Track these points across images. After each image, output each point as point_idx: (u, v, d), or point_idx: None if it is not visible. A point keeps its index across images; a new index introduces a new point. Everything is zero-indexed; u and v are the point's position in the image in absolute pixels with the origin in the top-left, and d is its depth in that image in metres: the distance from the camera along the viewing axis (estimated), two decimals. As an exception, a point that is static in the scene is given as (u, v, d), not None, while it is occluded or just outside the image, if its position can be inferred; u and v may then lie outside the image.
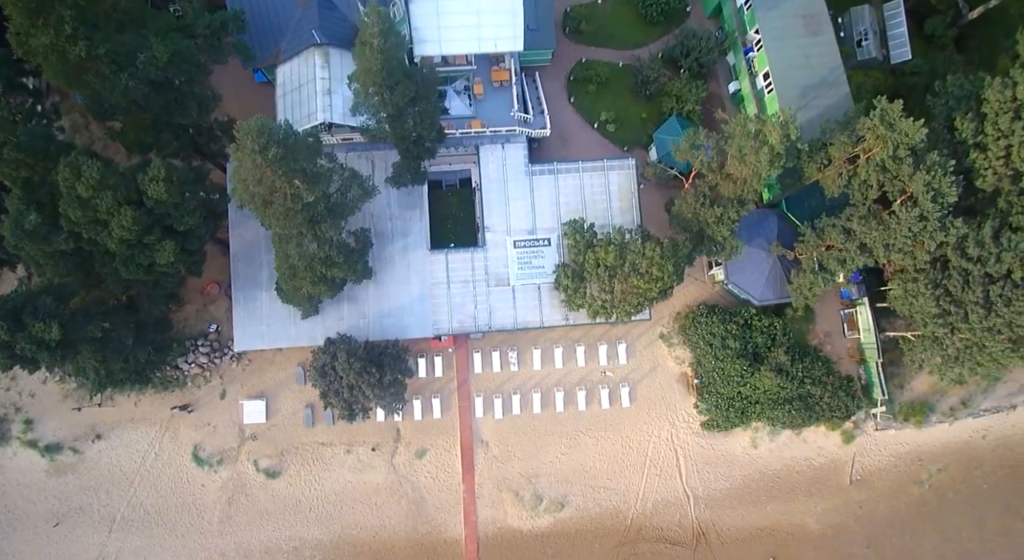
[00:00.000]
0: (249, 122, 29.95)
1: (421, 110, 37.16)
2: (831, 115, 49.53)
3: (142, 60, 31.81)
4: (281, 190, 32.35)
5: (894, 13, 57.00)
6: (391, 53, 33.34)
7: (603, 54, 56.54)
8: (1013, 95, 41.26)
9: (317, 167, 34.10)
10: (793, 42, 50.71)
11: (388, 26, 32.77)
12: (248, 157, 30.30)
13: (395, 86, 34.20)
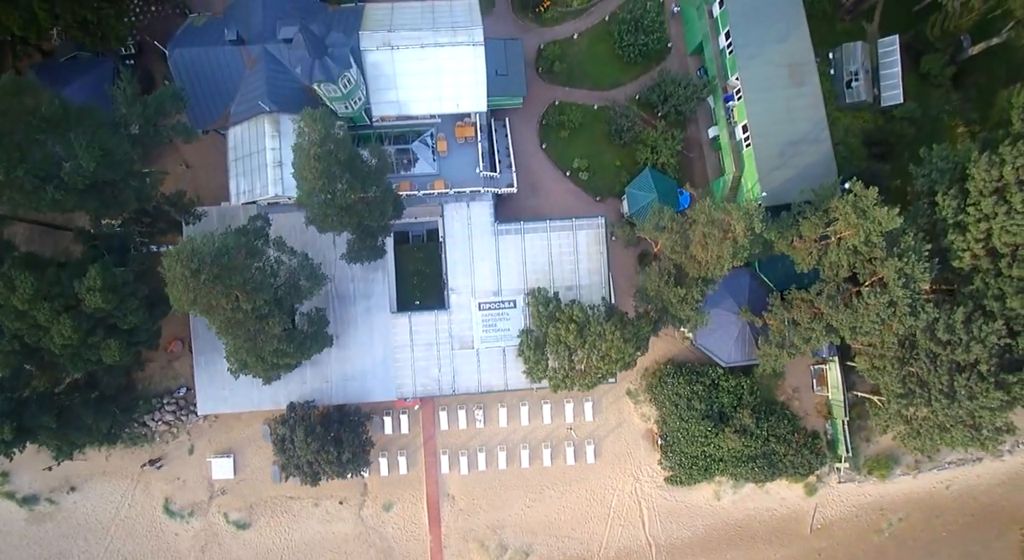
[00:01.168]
0: (177, 248, 28.90)
1: (371, 200, 35.67)
2: (812, 173, 47.81)
3: (67, 170, 30.35)
4: (219, 305, 31.53)
5: (888, 51, 53.66)
6: (331, 158, 31.69)
7: (578, 95, 53.80)
8: (1000, 174, 39.31)
9: (258, 270, 33.12)
10: (776, 94, 47.98)
11: (325, 131, 30.99)
12: (179, 283, 29.36)
13: (338, 187, 32.68)
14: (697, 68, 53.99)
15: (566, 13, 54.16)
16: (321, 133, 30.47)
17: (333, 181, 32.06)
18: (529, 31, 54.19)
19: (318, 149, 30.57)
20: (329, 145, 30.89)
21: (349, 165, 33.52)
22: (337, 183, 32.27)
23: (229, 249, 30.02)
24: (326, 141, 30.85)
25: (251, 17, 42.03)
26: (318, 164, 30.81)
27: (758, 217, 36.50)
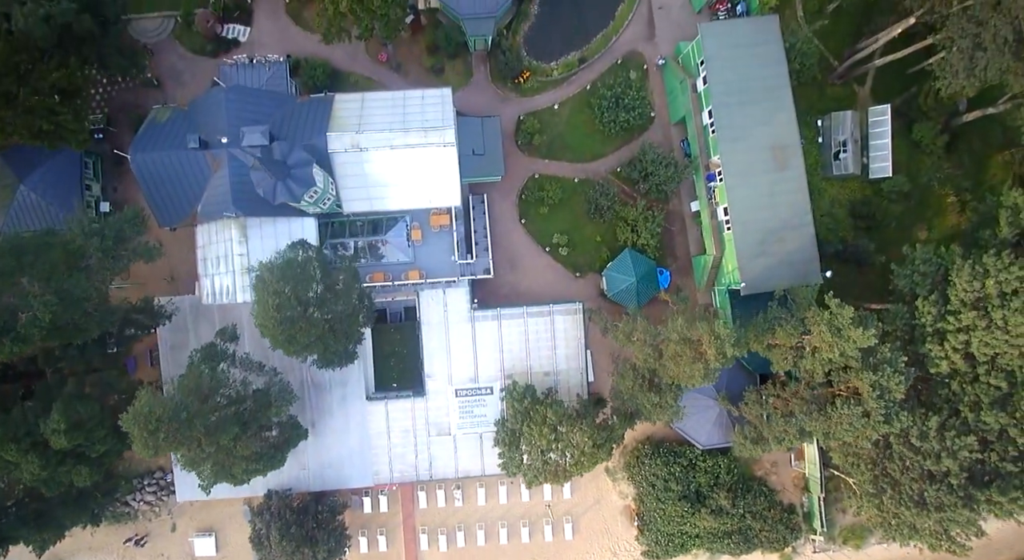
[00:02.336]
0: (134, 411, 28.69)
1: (337, 321, 35.18)
2: (794, 259, 47.07)
3: (24, 322, 29.89)
4: (183, 448, 31.45)
5: (879, 121, 52.05)
6: (289, 304, 31.13)
7: (557, 168, 52.54)
8: (982, 285, 38.51)
9: (221, 405, 32.94)
10: (758, 178, 46.71)
11: (284, 281, 30.36)
12: (139, 440, 29.24)
13: (299, 328, 32.19)
14: (681, 140, 52.63)
15: (546, 82, 52.48)
16: (279, 284, 29.87)
17: (294, 325, 31.58)
18: (508, 101, 52.66)
19: (275, 299, 30.01)
20: (288, 290, 30.33)
21: (315, 299, 32.97)
22: (299, 324, 31.80)
23: (188, 405, 29.76)
24: (281, 293, 30.24)
25: (216, 115, 40.78)
26: (277, 314, 30.31)
27: (730, 342, 35.94)
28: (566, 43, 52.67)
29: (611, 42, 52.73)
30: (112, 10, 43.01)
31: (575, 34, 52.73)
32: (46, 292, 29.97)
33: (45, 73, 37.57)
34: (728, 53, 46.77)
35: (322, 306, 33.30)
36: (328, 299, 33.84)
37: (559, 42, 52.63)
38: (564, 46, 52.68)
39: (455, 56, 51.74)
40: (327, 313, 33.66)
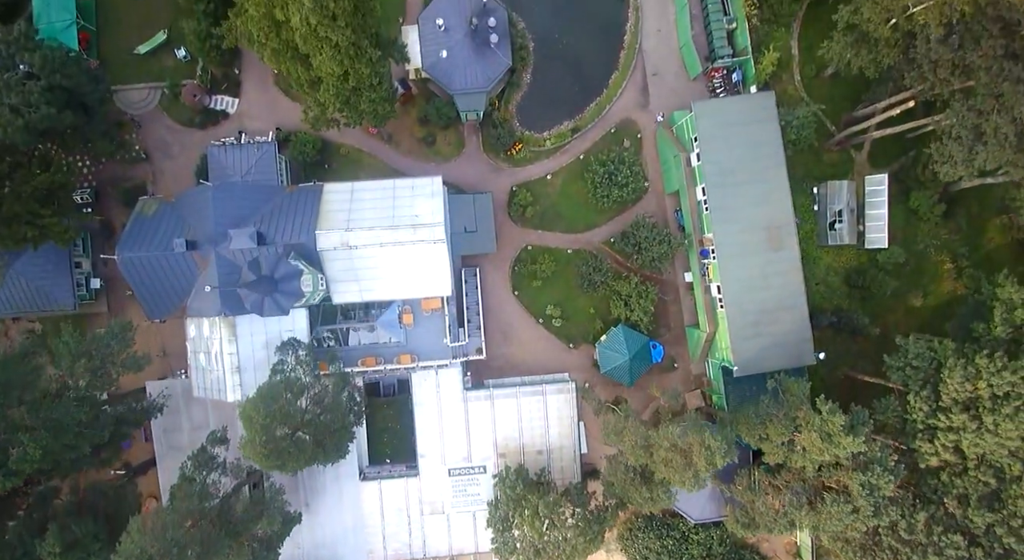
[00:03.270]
0: (123, 549, 28.70)
1: (328, 445, 35.17)
2: (787, 341, 46.85)
3: (15, 458, 29.82)
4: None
5: (876, 191, 51.51)
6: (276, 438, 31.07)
7: (550, 238, 52.08)
8: (974, 387, 38.34)
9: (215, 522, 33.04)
10: (752, 259, 46.31)
11: (270, 416, 30.27)
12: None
13: (288, 459, 32.15)
14: (675, 210, 52.07)
15: (539, 152, 51.82)
16: (266, 419, 29.80)
17: (284, 452, 31.57)
18: (501, 171, 52.07)
19: (261, 436, 29.96)
20: (275, 423, 30.27)
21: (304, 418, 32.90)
22: (288, 450, 31.77)
23: (179, 539, 29.83)
24: (268, 428, 30.18)
25: (202, 212, 40.35)
26: (265, 449, 30.28)
27: (720, 454, 35.90)
28: (559, 112, 51.96)
29: (605, 111, 51.97)
30: (94, 96, 42.30)
31: (568, 103, 52.01)
32: (36, 424, 29.90)
33: (27, 177, 37.12)
34: (722, 132, 46.11)
35: (311, 424, 33.23)
36: (317, 414, 33.75)
37: (552, 111, 51.92)
38: (557, 115, 51.98)
39: (446, 127, 51.03)
40: (317, 431, 33.57)
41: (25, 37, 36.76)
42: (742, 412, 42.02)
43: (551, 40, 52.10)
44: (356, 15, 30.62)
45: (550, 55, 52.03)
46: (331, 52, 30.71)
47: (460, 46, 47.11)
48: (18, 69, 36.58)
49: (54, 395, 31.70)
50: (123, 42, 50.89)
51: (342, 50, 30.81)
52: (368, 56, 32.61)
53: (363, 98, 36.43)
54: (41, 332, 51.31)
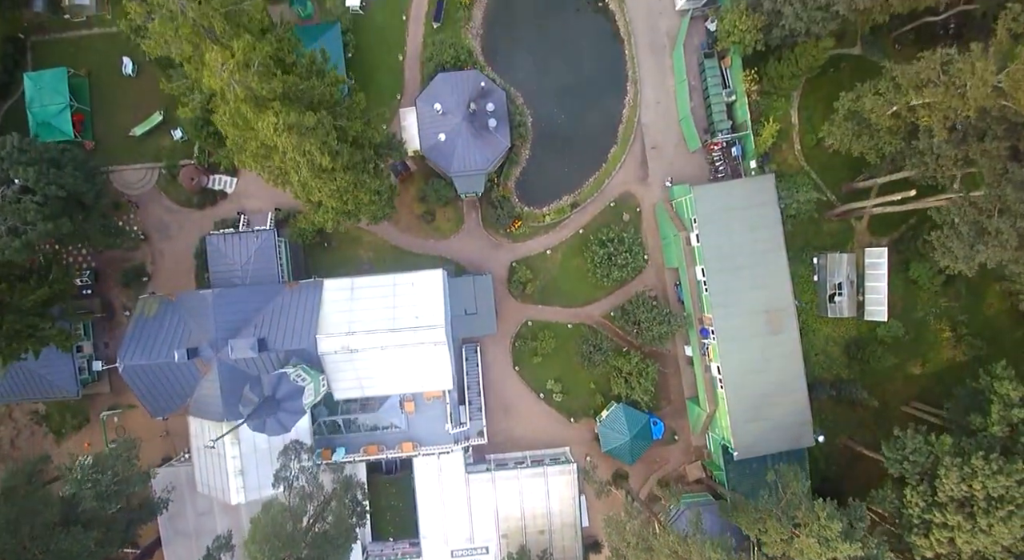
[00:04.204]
0: None
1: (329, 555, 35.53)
2: (787, 423, 47.11)
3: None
4: None
5: (876, 263, 51.42)
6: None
7: (551, 313, 52.12)
8: (969, 487, 38.63)
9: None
10: (751, 343, 46.41)
11: (273, 552, 30.56)
12: None
13: None
14: (675, 283, 52.06)
15: (538, 228, 51.68)
16: (275, 527, 30.10)
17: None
18: (500, 247, 51.95)
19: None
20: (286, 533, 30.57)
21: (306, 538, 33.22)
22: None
23: None
24: (276, 538, 30.50)
25: (203, 317, 40.36)
26: None
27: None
28: (558, 187, 51.77)
29: (604, 185, 51.74)
30: (90, 194, 42.07)
31: (567, 178, 51.80)
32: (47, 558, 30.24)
33: (26, 292, 37.08)
34: (722, 216, 45.99)
35: (314, 543, 33.56)
36: (320, 531, 34.08)
37: (551, 187, 51.73)
38: (556, 190, 51.79)
39: (445, 203, 50.80)
40: (321, 548, 33.89)
41: (19, 151, 36.50)
42: (742, 506, 42.38)
43: (550, 115, 51.75)
44: (356, 153, 30.37)
45: (549, 130, 51.72)
46: (331, 192, 30.52)
47: (458, 129, 46.78)
48: (13, 183, 36.37)
49: (63, 523, 31.93)
50: (118, 122, 50.51)
51: (342, 190, 30.65)
52: (368, 186, 32.43)
53: (363, 211, 36.30)
54: (45, 412, 51.73)
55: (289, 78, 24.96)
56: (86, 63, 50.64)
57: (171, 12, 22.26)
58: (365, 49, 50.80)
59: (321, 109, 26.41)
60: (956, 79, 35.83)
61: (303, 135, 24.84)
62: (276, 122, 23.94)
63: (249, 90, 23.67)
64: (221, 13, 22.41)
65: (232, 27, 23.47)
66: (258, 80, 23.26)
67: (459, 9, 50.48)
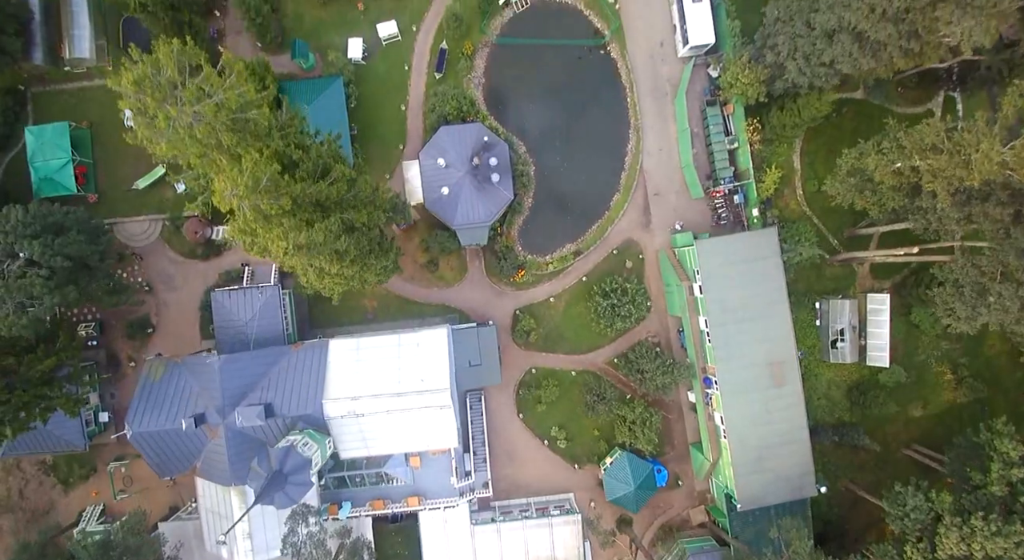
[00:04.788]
0: None
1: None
2: (790, 474, 47.44)
3: None
4: None
5: (878, 309, 51.67)
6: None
7: (555, 360, 52.32)
8: (968, 548, 39.04)
9: None
10: (755, 396, 46.68)
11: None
12: None
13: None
14: (677, 330, 52.26)
15: (542, 275, 51.79)
16: None
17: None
18: (504, 294, 52.08)
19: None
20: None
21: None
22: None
23: None
24: None
25: (210, 382, 40.52)
26: None
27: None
28: (561, 235, 51.84)
29: (607, 232, 51.81)
30: (95, 256, 42.11)
31: (570, 226, 51.85)
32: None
33: (34, 362, 37.24)
34: (726, 270, 46.12)
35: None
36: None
37: (554, 235, 51.80)
38: (559, 238, 51.86)
39: (449, 252, 50.90)
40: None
41: (23, 224, 36.54)
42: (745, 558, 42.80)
43: (553, 163, 51.73)
44: (362, 239, 30.40)
45: (552, 178, 51.72)
46: (337, 282, 30.62)
47: (461, 183, 46.81)
48: (18, 257, 36.44)
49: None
50: (121, 174, 50.45)
51: (348, 277, 30.74)
52: (375, 267, 32.52)
53: (369, 283, 36.45)
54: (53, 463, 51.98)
55: (297, 187, 24.97)
56: (87, 115, 50.58)
57: (178, 133, 22.26)
58: (367, 98, 50.72)
59: (329, 214, 26.51)
60: (961, 148, 35.92)
61: (312, 252, 24.93)
62: (286, 246, 23.99)
63: (258, 210, 23.78)
64: (228, 127, 22.41)
65: (239, 135, 23.46)
66: (267, 199, 23.35)
67: (461, 59, 50.36)
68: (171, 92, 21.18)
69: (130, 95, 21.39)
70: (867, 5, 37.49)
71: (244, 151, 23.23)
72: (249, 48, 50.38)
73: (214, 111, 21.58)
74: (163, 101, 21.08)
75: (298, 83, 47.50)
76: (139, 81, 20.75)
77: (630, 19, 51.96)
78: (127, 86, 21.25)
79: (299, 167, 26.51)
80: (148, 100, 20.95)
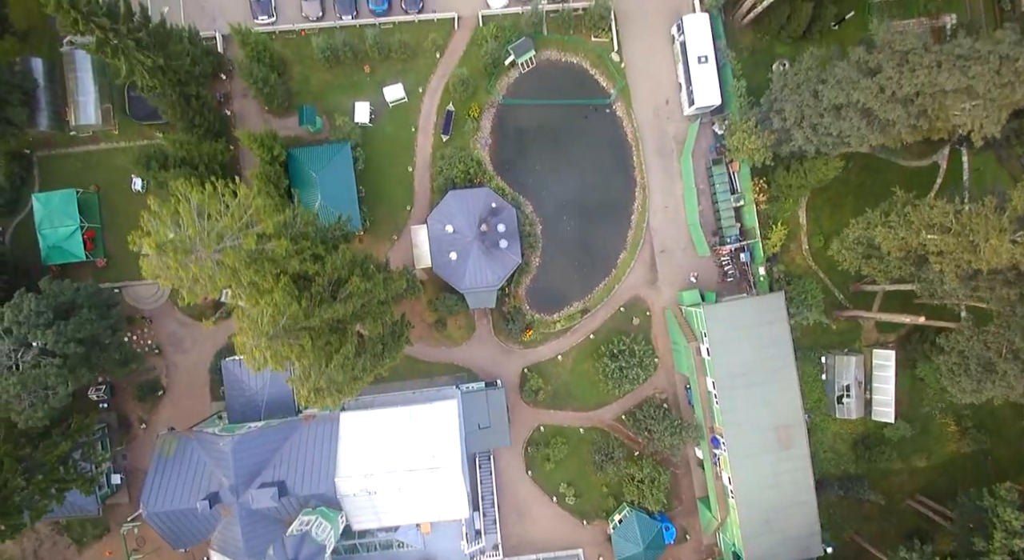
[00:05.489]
0: None
1: None
2: (797, 534, 47.94)
3: None
4: None
5: (883, 365, 52.06)
6: None
7: (562, 417, 52.64)
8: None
9: None
10: (762, 459, 47.11)
11: None
12: None
13: None
14: (685, 386, 52.60)
15: (549, 334, 52.02)
16: None
17: None
18: (512, 353, 52.30)
19: None
20: None
21: None
22: None
23: None
24: None
25: (222, 460, 40.71)
26: None
27: None
28: (568, 294, 52.03)
29: (614, 290, 52.04)
30: (105, 334, 42.29)
31: (577, 284, 52.04)
32: None
33: (50, 448, 37.51)
34: (734, 335, 46.44)
35: None
36: None
37: (561, 293, 51.98)
38: (566, 297, 52.04)
39: (457, 313, 51.11)
40: None
41: (35, 314, 36.67)
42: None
43: (559, 222, 51.87)
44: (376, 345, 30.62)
45: (559, 237, 51.88)
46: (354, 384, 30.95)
47: (469, 249, 46.97)
48: (31, 346, 36.61)
49: None
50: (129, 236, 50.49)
51: (359, 380, 31.12)
52: (387, 364, 32.79)
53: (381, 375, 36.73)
54: (66, 523, 52.30)
55: (315, 319, 25.24)
56: (94, 178, 50.56)
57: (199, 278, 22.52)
58: (375, 160, 50.75)
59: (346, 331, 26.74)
60: (969, 230, 36.14)
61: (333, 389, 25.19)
62: (306, 395, 24.22)
63: (278, 354, 24.09)
64: (247, 264, 22.62)
65: (257, 265, 23.67)
66: (286, 342, 23.64)
67: (467, 120, 50.36)
68: (192, 247, 21.40)
69: (153, 259, 21.55)
70: (877, 85, 37.66)
71: (261, 279, 23.41)
72: (256, 111, 50.34)
73: (234, 256, 21.79)
74: (185, 261, 21.30)
75: (307, 150, 47.45)
76: (161, 246, 20.93)
77: (635, 77, 52.03)
78: (150, 250, 21.43)
79: (314, 283, 26.83)
80: (171, 262, 21.17)
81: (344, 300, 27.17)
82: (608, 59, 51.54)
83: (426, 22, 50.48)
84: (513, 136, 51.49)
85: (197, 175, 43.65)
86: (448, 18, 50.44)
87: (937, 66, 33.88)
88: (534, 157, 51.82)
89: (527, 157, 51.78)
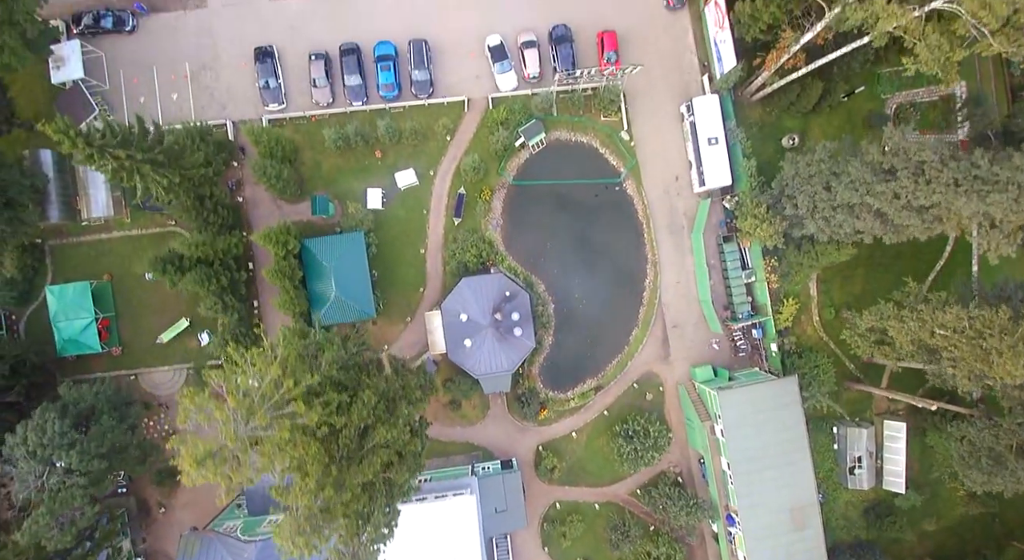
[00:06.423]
0: None
1: None
2: (810, 612, 48.68)
3: None
4: None
5: (894, 436, 52.63)
6: None
7: (578, 493, 53.13)
8: None
9: None
10: (777, 540, 47.70)
11: None
12: None
13: None
14: (699, 460, 53.10)
15: (563, 411, 52.40)
16: None
17: None
18: (526, 431, 52.68)
19: None
20: None
21: None
22: None
23: None
24: None
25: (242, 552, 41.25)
26: None
27: None
28: (582, 371, 52.36)
29: (627, 366, 52.40)
30: (126, 438, 42.49)
31: (590, 361, 52.35)
32: None
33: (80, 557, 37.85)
34: (747, 420, 46.88)
35: None
36: None
37: (574, 370, 52.29)
38: (580, 374, 52.38)
39: (472, 395, 51.40)
40: None
41: (59, 435, 36.87)
42: None
43: (572, 300, 52.10)
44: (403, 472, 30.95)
45: (571, 315, 52.12)
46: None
47: (484, 336, 47.20)
48: (55, 466, 36.86)
49: None
50: (144, 325, 50.54)
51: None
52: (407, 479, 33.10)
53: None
54: (86, 605, 52.84)
55: (345, 495, 25.47)
56: (107, 266, 50.55)
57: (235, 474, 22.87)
58: (387, 243, 50.81)
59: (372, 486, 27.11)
60: (982, 338, 36.47)
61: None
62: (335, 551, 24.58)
63: (310, 543, 24.48)
64: (281, 449, 22.93)
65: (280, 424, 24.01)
66: (322, 536, 23.95)
67: (479, 202, 50.43)
68: (230, 455, 21.67)
69: (191, 474, 21.86)
70: (891, 192, 37.84)
71: (293, 450, 23.69)
72: (268, 197, 50.25)
73: (271, 446, 22.02)
74: (223, 470, 21.60)
75: (320, 241, 47.40)
76: (200, 461, 21.22)
77: (645, 155, 52.11)
78: (190, 467, 21.71)
79: (341, 435, 27.05)
80: (210, 475, 21.49)
81: (370, 453, 27.39)
82: (618, 138, 51.59)
83: (436, 106, 50.43)
84: (524, 216, 51.59)
85: (212, 272, 43.91)
86: (458, 101, 50.39)
87: (955, 185, 34.05)
88: (546, 236, 51.90)
89: (538, 236, 51.88)
